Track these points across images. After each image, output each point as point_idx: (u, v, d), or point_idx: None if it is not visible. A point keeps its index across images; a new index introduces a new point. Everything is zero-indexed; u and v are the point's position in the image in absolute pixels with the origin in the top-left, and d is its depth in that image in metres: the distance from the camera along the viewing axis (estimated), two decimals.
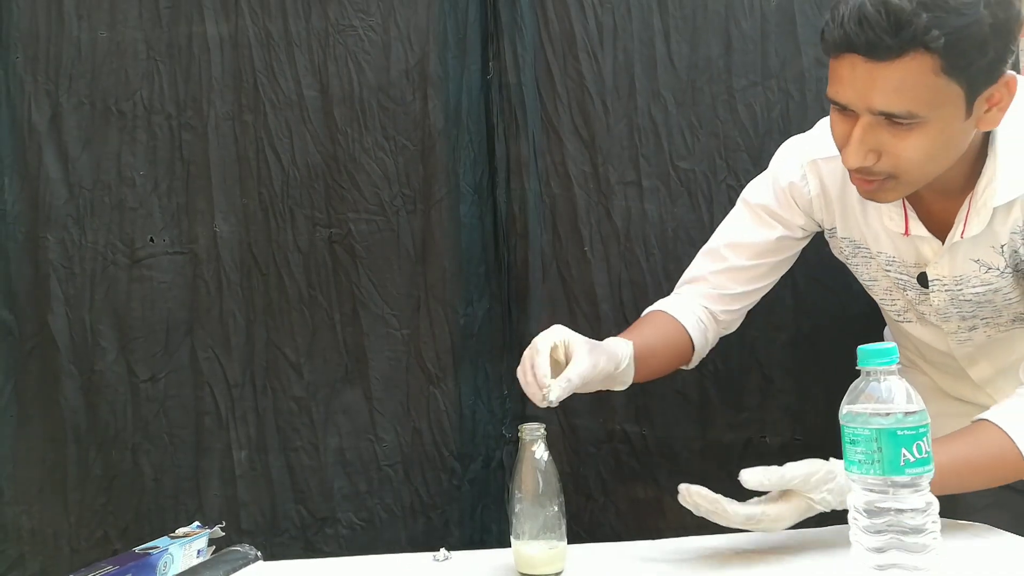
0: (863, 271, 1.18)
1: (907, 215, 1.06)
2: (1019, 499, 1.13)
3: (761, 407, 1.43)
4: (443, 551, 1.07)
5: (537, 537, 0.96)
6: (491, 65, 1.42)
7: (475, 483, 1.42)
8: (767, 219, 1.18)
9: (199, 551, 1.11)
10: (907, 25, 0.87)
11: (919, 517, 0.78)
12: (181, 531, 1.13)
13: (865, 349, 0.80)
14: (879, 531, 0.79)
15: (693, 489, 0.94)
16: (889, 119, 0.92)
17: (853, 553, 0.82)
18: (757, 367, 1.43)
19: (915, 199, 1.05)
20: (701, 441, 1.42)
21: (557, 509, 0.96)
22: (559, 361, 1.00)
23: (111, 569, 0.98)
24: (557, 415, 1.39)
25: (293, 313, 1.41)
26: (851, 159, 0.96)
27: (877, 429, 0.78)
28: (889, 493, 0.78)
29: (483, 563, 1.05)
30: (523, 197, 1.40)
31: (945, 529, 0.82)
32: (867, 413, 0.79)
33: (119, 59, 1.42)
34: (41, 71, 1.42)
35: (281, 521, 1.41)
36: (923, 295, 1.12)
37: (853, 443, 0.80)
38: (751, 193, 1.21)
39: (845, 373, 0.85)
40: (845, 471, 0.82)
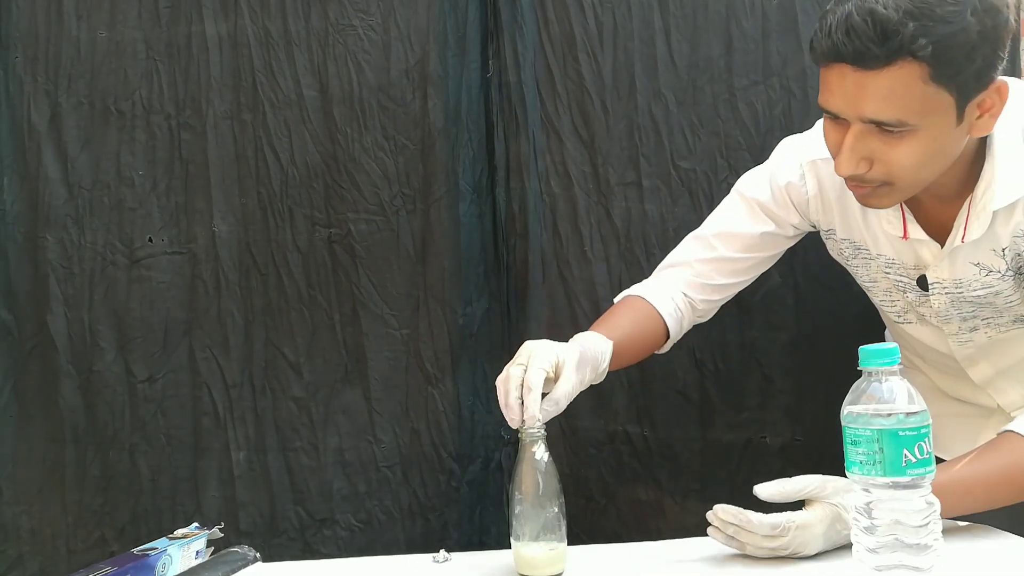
0: (863, 273, 1.18)
1: (905, 219, 1.06)
2: None
3: (762, 407, 1.42)
4: (442, 552, 1.07)
5: (537, 539, 0.95)
6: (491, 64, 1.41)
7: (474, 485, 1.41)
8: (760, 214, 1.18)
9: (198, 552, 1.10)
10: (894, 34, 0.87)
11: (920, 518, 0.78)
12: (180, 532, 1.12)
13: (867, 349, 0.80)
14: (880, 532, 0.78)
15: (718, 508, 0.94)
16: (880, 127, 0.92)
17: (854, 554, 0.82)
18: (758, 367, 1.42)
19: (913, 203, 1.05)
20: (702, 442, 1.42)
21: (557, 510, 0.96)
22: (549, 380, 0.98)
23: (109, 570, 0.97)
24: (557, 416, 1.38)
25: (292, 313, 1.41)
26: (843, 167, 0.96)
27: (879, 430, 0.78)
28: (891, 494, 0.78)
29: (483, 564, 1.05)
30: (523, 196, 1.40)
31: (946, 530, 0.81)
32: (868, 414, 0.79)
33: (118, 59, 1.42)
34: (40, 71, 1.42)
35: (280, 522, 1.41)
36: (923, 297, 1.11)
37: (854, 444, 0.80)
38: (747, 186, 1.20)
39: (846, 373, 0.85)
40: (847, 472, 0.82)
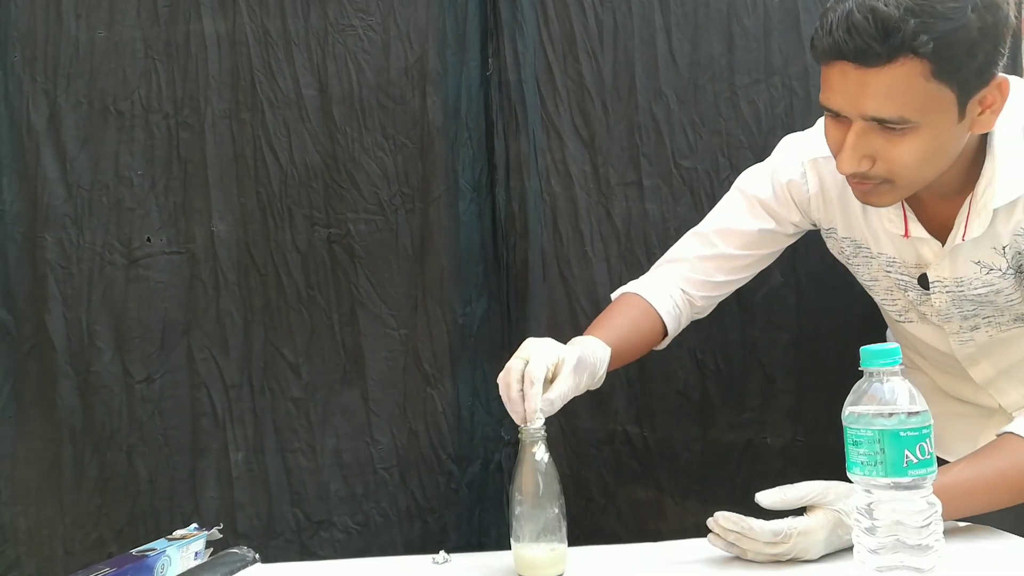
0: (863, 271, 1.17)
1: (906, 217, 1.06)
2: None
3: (763, 408, 1.42)
4: (442, 553, 1.07)
5: (537, 539, 0.95)
6: (491, 63, 1.41)
7: (473, 486, 1.41)
8: (761, 212, 1.18)
9: (197, 553, 1.10)
10: (895, 31, 0.87)
11: (921, 518, 0.77)
12: (178, 533, 1.12)
13: (868, 350, 0.80)
14: (882, 533, 0.78)
15: (718, 515, 0.94)
16: (882, 125, 0.92)
17: (856, 555, 0.81)
18: (759, 367, 1.42)
19: (914, 201, 1.05)
20: (702, 442, 1.41)
21: (558, 511, 0.95)
22: (547, 379, 0.98)
23: (108, 571, 0.97)
24: (557, 417, 1.37)
25: (291, 313, 1.41)
26: (845, 165, 0.96)
27: (880, 430, 0.78)
28: (892, 494, 0.78)
29: (482, 565, 1.04)
30: (523, 196, 1.39)
31: (947, 531, 0.81)
32: (870, 414, 0.79)
33: (117, 58, 1.41)
34: (39, 70, 1.41)
35: (277, 524, 1.40)
36: (924, 296, 1.11)
37: (856, 444, 0.79)
38: (747, 183, 1.20)
39: (848, 373, 0.84)
40: (848, 472, 0.81)
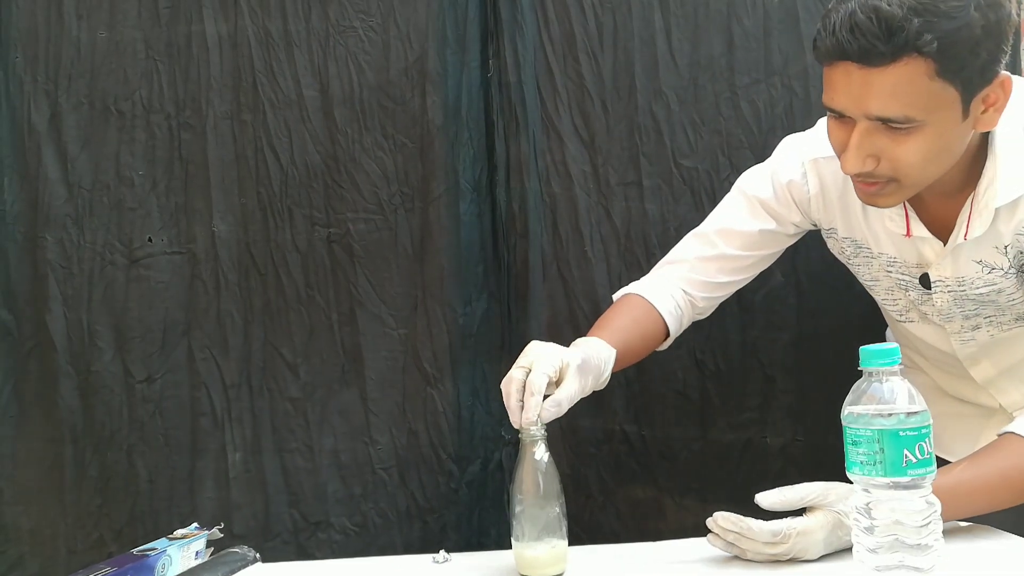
0: (864, 271, 1.17)
1: (908, 216, 1.06)
2: None
3: (763, 407, 1.42)
4: (442, 553, 1.07)
5: (538, 539, 0.95)
6: (491, 64, 1.41)
7: (472, 486, 1.41)
8: (761, 212, 1.18)
9: (197, 553, 1.10)
10: (899, 31, 0.87)
11: (921, 518, 0.78)
12: (179, 532, 1.12)
13: (867, 350, 0.80)
14: (881, 532, 0.78)
15: (717, 516, 0.94)
16: (886, 124, 0.92)
17: (855, 554, 0.81)
18: (759, 367, 1.42)
19: (916, 200, 1.05)
20: (702, 442, 1.41)
21: (558, 511, 0.96)
22: (551, 384, 0.97)
23: (109, 571, 0.97)
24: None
25: (291, 313, 1.40)
26: (850, 165, 0.96)
27: (879, 430, 0.78)
28: (891, 494, 0.78)
29: (483, 565, 1.05)
30: (523, 196, 1.39)
31: (947, 530, 0.81)
32: (869, 414, 0.79)
33: (118, 59, 1.41)
34: (40, 71, 1.41)
35: (274, 525, 1.40)
36: (925, 295, 1.11)
37: (855, 444, 0.79)
38: (748, 183, 1.20)
39: (848, 373, 0.84)
40: (847, 472, 0.81)
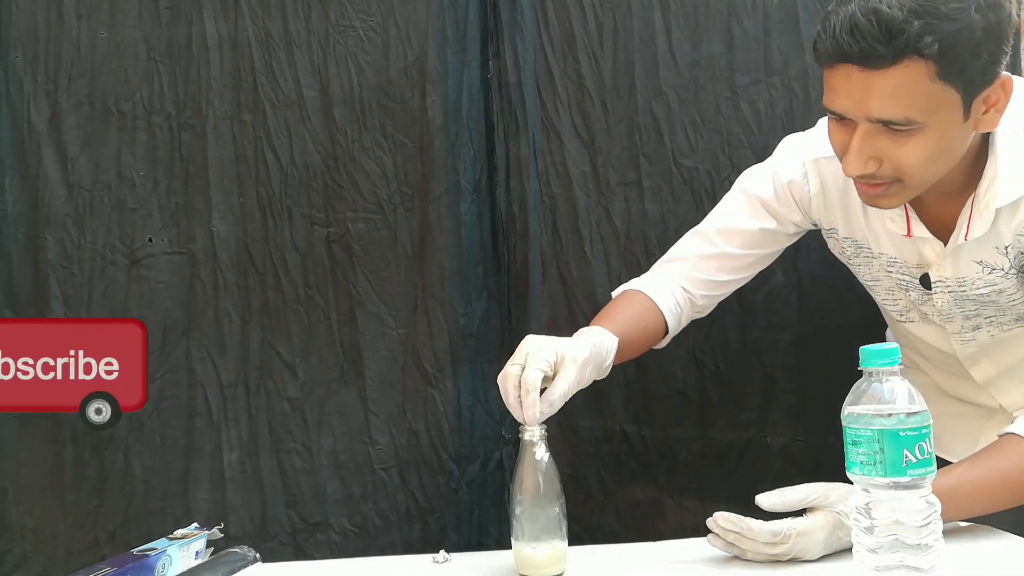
0: (865, 271, 1.17)
1: (908, 217, 1.06)
2: None
3: (763, 407, 1.42)
4: (442, 553, 1.07)
5: (538, 538, 0.95)
6: (491, 65, 1.41)
7: (472, 485, 1.40)
8: (762, 211, 1.18)
9: (197, 553, 1.10)
10: (900, 33, 0.87)
11: (920, 518, 0.78)
12: (179, 532, 1.12)
13: (867, 350, 0.80)
14: (880, 532, 0.78)
15: (717, 516, 0.94)
16: (887, 126, 0.92)
17: (855, 554, 0.81)
18: (759, 367, 1.42)
19: (916, 201, 1.05)
20: (701, 441, 1.41)
21: (558, 511, 0.95)
22: (548, 378, 0.98)
23: (109, 571, 0.97)
24: (557, 415, 1.35)
25: (289, 313, 1.40)
26: (852, 167, 0.96)
27: (879, 430, 0.78)
28: (891, 494, 0.78)
29: (483, 565, 1.05)
30: (523, 197, 1.39)
31: (947, 530, 0.81)
32: (869, 414, 0.79)
33: (119, 59, 1.41)
34: (41, 71, 1.41)
35: (271, 526, 1.39)
36: (926, 296, 1.11)
37: (855, 444, 0.79)
38: (749, 182, 1.20)
39: (849, 373, 0.84)
40: (847, 472, 0.81)
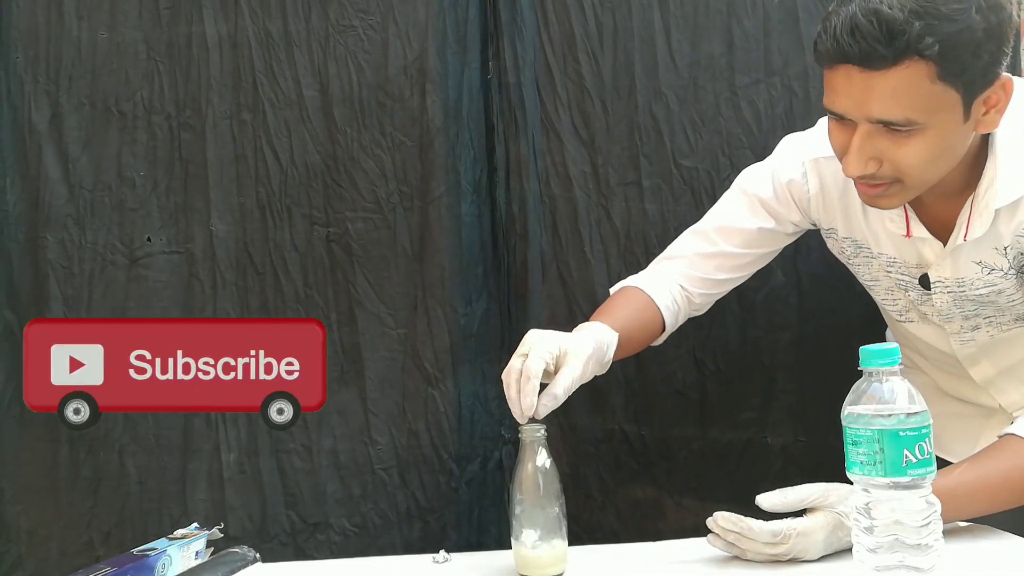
0: (864, 271, 1.17)
1: (908, 217, 1.06)
2: None
3: (763, 407, 1.42)
4: (442, 553, 1.07)
5: (538, 539, 0.95)
6: (491, 66, 1.41)
7: (472, 485, 1.40)
8: (761, 210, 1.18)
9: (197, 553, 1.10)
10: (900, 34, 0.87)
11: (920, 518, 0.77)
12: (179, 532, 1.12)
13: (867, 350, 0.80)
14: (880, 532, 0.78)
15: (717, 516, 0.94)
16: (888, 127, 0.92)
17: (855, 554, 0.81)
18: (760, 367, 1.42)
19: (916, 201, 1.05)
20: (701, 441, 1.41)
21: (558, 511, 0.96)
22: (549, 372, 0.98)
23: (109, 571, 0.97)
24: (557, 415, 1.37)
25: (289, 312, 1.40)
26: (851, 168, 0.96)
27: (879, 430, 0.78)
28: (891, 494, 0.78)
29: (483, 565, 1.05)
30: (523, 197, 1.39)
31: (947, 531, 0.81)
32: (869, 414, 0.79)
33: (119, 59, 1.41)
34: (41, 71, 1.41)
35: (270, 527, 1.39)
36: (925, 296, 1.11)
37: (855, 444, 0.79)
38: (748, 181, 1.20)
39: (849, 373, 0.84)
40: (847, 472, 0.81)
